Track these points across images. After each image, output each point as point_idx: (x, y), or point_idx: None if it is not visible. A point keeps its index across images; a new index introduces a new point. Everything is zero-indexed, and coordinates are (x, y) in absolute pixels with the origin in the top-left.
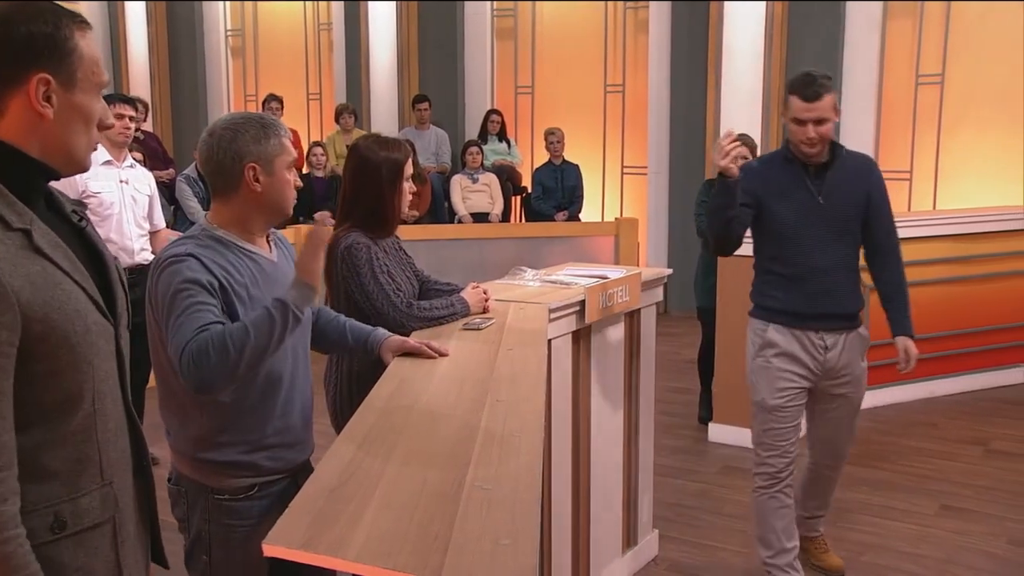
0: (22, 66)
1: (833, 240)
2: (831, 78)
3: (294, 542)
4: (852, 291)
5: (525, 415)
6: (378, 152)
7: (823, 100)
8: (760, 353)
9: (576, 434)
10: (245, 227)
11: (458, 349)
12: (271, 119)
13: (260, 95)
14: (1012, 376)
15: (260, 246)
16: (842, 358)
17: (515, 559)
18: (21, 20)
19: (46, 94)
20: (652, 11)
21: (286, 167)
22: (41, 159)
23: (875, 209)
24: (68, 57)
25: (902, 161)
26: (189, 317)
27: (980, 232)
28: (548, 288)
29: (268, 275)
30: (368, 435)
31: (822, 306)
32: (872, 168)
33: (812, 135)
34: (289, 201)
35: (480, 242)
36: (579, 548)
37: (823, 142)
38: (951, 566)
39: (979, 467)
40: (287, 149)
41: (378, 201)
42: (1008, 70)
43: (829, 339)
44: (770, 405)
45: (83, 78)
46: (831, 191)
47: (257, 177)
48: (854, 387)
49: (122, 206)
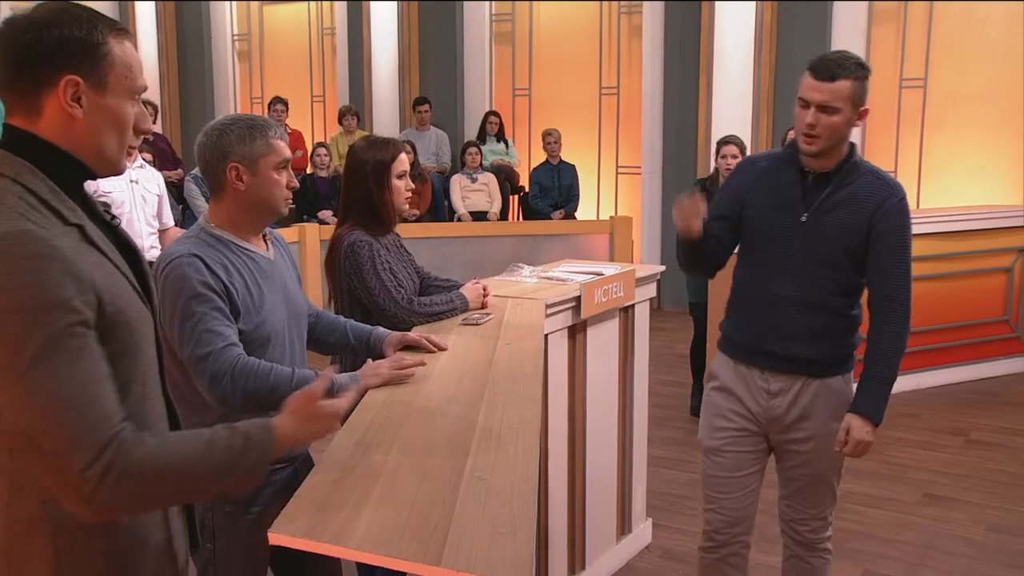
0: (54, 68)
1: (807, 269)
2: (865, 66)
3: (298, 531)
4: (817, 334)
5: (522, 407)
6: (365, 152)
7: (836, 83)
8: (707, 383)
9: (572, 426)
10: (238, 226)
11: (457, 343)
12: (263, 120)
13: (266, 97)
14: (992, 369)
15: (257, 245)
16: (794, 410)
17: (512, 547)
18: (57, 25)
19: (75, 95)
20: (645, 15)
21: (273, 167)
22: (75, 157)
23: (876, 248)
24: (100, 61)
25: (887, 161)
26: (209, 327)
27: (962, 230)
28: (545, 284)
29: (266, 273)
30: (369, 427)
31: (766, 341)
32: (889, 196)
33: (810, 120)
34: (278, 201)
35: (479, 240)
36: (575, 536)
37: (827, 139)
38: (932, 552)
39: (959, 457)
40: (275, 149)
41: (369, 199)
42: (988, 74)
43: (775, 383)
44: (706, 446)
45: (115, 82)
46: (823, 210)
47: (240, 176)
48: (815, 451)
49: (132, 205)
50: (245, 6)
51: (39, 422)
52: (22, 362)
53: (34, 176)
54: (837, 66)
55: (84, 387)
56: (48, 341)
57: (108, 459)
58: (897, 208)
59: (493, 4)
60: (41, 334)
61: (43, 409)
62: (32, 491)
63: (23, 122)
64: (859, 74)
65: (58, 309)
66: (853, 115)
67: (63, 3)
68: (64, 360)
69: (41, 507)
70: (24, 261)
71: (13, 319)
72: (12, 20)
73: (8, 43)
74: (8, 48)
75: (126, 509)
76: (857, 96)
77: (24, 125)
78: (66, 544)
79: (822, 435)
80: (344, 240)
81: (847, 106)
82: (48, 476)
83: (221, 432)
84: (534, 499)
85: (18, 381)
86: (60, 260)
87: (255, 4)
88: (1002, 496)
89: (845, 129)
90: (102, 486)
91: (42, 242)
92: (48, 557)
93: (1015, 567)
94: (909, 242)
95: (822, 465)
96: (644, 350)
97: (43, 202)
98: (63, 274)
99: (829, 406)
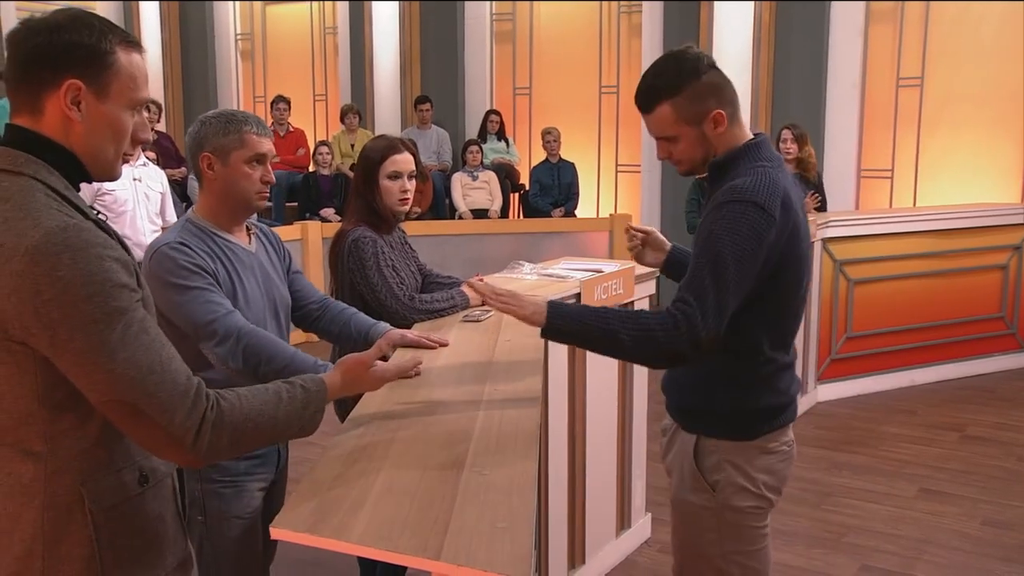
0: (58, 70)
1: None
2: (686, 72)
3: (300, 526)
4: (688, 373)
5: (522, 403)
6: (365, 150)
7: (653, 113)
8: None
9: (572, 421)
10: (217, 217)
11: (458, 340)
12: (243, 115)
13: (268, 96)
14: (988, 365)
15: (238, 237)
16: (668, 459)
17: (512, 541)
18: (69, 30)
19: (75, 99)
20: (645, 14)
21: (244, 160)
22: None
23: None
24: (105, 69)
25: (884, 160)
26: (209, 298)
27: (958, 228)
28: (545, 281)
29: (245, 263)
30: (371, 423)
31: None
32: (721, 194)
33: (661, 155)
34: (248, 193)
35: (480, 237)
36: (574, 530)
37: (689, 162)
38: (928, 546)
39: (955, 452)
40: (247, 143)
41: (361, 196)
42: (984, 73)
43: (665, 421)
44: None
45: (116, 91)
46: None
47: (212, 166)
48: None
49: (135, 203)
50: (248, 6)
51: (138, 388)
52: (112, 340)
53: (50, 174)
54: (645, 94)
55: (163, 346)
56: (125, 318)
57: (201, 408)
58: (719, 209)
59: (494, 4)
60: (119, 312)
61: (140, 374)
62: (70, 475)
63: (28, 121)
64: (678, 87)
65: (123, 288)
66: (699, 128)
67: (80, 11)
68: (140, 330)
69: (80, 488)
70: (83, 251)
71: (93, 303)
72: (30, 22)
73: (21, 43)
74: (20, 48)
75: (223, 453)
76: (688, 113)
77: (29, 124)
78: (103, 522)
79: (679, 496)
80: (348, 236)
81: (682, 128)
82: (152, 436)
83: (283, 386)
84: (534, 494)
85: (112, 357)
86: (107, 247)
87: (258, 4)
88: (997, 491)
89: (700, 147)
90: (202, 433)
91: (89, 232)
92: (87, 536)
93: (1010, 561)
94: (719, 246)
95: (679, 539)
96: None
97: (64, 198)
98: (112, 259)
99: (683, 464)
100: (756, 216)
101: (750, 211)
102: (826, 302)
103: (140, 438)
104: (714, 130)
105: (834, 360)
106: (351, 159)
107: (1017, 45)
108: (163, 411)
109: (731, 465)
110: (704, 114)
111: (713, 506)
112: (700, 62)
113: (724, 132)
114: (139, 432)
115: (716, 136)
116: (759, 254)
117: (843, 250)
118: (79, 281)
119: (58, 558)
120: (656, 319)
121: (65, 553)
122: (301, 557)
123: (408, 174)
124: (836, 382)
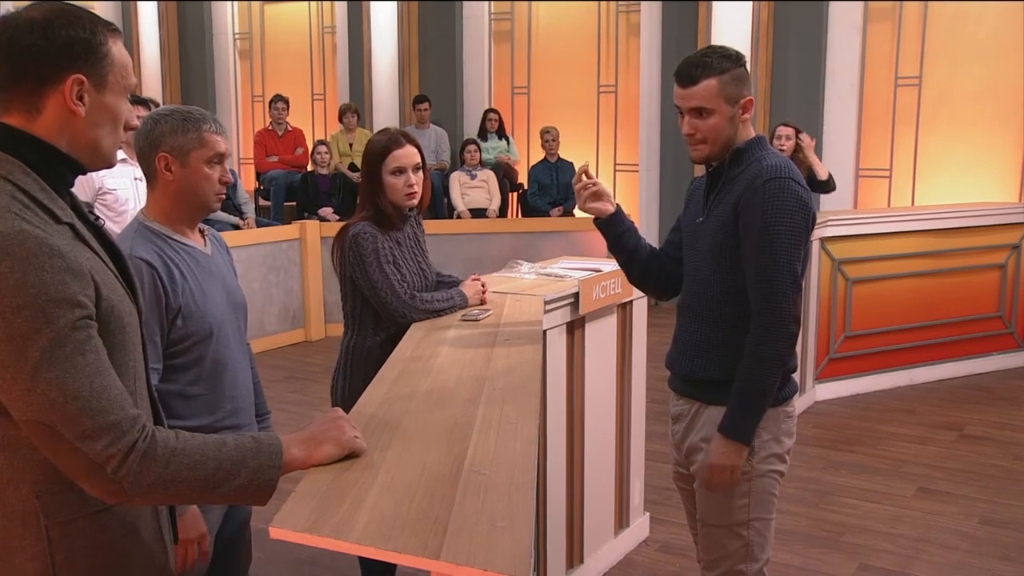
0: (61, 67)
1: (700, 272)
2: (734, 57)
3: (299, 525)
4: (711, 346)
5: (521, 402)
6: (368, 146)
7: (698, 85)
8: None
9: (570, 420)
10: (171, 218)
11: (456, 339)
12: (199, 113)
13: (267, 95)
14: (985, 364)
15: (194, 239)
16: (691, 440)
17: (511, 540)
18: (62, 25)
19: (79, 94)
20: (643, 14)
21: (204, 160)
22: (69, 154)
23: (743, 242)
24: (102, 61)
25: (882, 159)
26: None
27: (956, 227)
28: (543, 280)
29: (203, 267)
30: (370, 423)
31: (668, 356)
32: (759, 175)
33: (687, 130)
34: (207, 194)
35: (478, 236)
36: (573, 530)
37: (712, 143)
38: (926, 544)
39: (953, 451)
40: (207, 143)
41: (364, 193)
42: (982, 72)
43: (676, 407)
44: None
45: (114, 81)
46: (715, 206)
47: (169, 167)
48: (701, 490)
49: (136, 202)
50: (246, 5)
51: (58, 411)
52: (34, 356)
53: (26, 175)
54: (696, 67)
55: (98, 373)
56: (57, 335)
57: (132, 438)
58: (766, 188)
59: (492, 3)
60: (49, 329)
61: (61, 398)
62: (25, 485)
63: (20, 121)
64: (725, 67)
65: (63, 304)
66: (733, 111)
67: (60, 3)
68: (74, 351)
69: (35, 500)
70: (25, 260)
71: (21, 316)
72: (12, 20)
73: (10, 43)
74: (10, 47)
75: (154, 491)
76: (729, 91)
77: (21, 124)
78: (59, 536)
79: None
80: (349, 231)
81: (720, 104)
82: (71, 463)
83: (232, 435)
84: (533, 493)
85: (33, 375)
86: (59, 257)
87: (256, 3)
88: (995, 490)
89: (728, 128)
90: (126, 463)
91: (39, 241)
92: (41, 549)
93: (1007, 559)
94: (783, 229)
95: (710, 508)
96: (642, 345)
97: (35, 201)
98: (63, 271)
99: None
100: (797, 189)
101: (791, 186)
102: (824, 301)
103: (60, 464)
104: (741, 115)
105: (832, 359)
106: (349, 158)
107: (1015, 44)
108: (83, 437)
109: (764, 430)
110: (739, 97)
111: (749, 471)
112: (741, 56)
113: (746, 121)
114: (58, 457)
115: (741, 121)
116: (808, 223)
117: (841, 249)
118: (11, 291)
119: (10, 569)
120: (755, 343)
121: (18, 565)
122: (300, 556)
123: (412, 167)
124: (834, 381)
